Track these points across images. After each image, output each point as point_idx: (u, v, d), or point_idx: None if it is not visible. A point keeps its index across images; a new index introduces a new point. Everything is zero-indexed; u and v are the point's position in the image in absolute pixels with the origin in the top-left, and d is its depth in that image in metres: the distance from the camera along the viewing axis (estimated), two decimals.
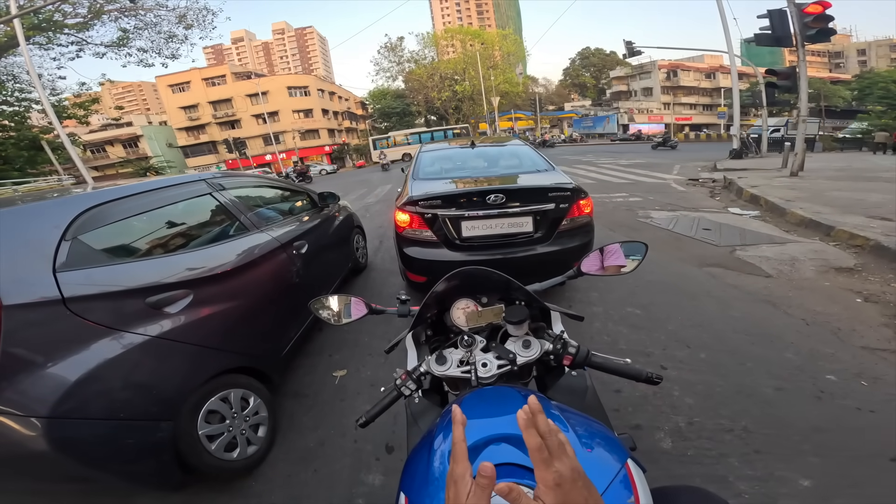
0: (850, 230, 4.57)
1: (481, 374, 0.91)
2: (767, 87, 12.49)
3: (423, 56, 54.35)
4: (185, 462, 1.66)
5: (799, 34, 8.64)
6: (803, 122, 10.05)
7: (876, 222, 4.86)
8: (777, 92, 11.44)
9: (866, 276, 3.63)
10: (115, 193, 1.89)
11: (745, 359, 2.43)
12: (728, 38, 14.82)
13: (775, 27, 8.95)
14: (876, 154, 18.13)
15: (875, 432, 1.82)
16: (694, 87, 53.59)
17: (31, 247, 1.46)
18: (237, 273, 2.15)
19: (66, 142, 12.99)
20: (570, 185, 3.09)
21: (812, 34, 8.56)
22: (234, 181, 2.79)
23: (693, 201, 7.64)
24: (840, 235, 4.65)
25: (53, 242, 1.50)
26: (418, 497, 0.66)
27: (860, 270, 3.76)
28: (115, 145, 43.37)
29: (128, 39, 18.10)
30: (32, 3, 14.23)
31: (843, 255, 4.17)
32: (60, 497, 1.82)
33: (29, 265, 1.42)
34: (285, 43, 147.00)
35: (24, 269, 1.40)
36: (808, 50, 9.24)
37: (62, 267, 1.47)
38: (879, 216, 5.15)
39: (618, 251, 1.16)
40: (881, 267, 3.79)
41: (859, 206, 5.90)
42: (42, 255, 1.45)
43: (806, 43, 8.78)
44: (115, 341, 1.50)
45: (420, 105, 52.74)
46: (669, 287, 3.58)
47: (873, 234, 4.34)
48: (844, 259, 4.07)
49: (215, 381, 1.82)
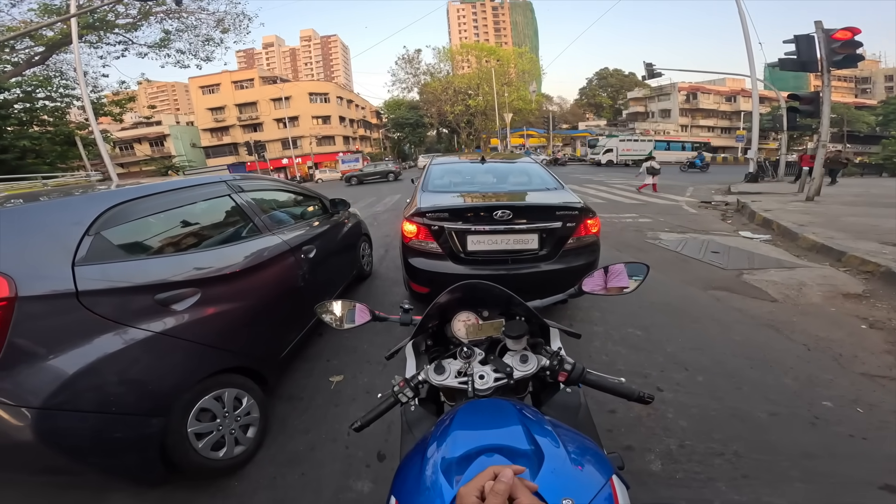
0: (861, 256, 4.49)
1: (478, 386, 0.92)
2: (789, 111, 12.37)
3: (438, 69, 55.41)
4: (169, 459, 1.63)
5: (825, 59, 8.62)
6: (823, 147, 9.93)
7: (888, 248, 4.77)
8: (798, 116, 11.33)
9: (874, 303, 3.57)
10: (140, 191, 1.93)
11: (743, 383, 2.41)
12: (752, 62, 14.80)
13: (801, 52, 8.96)
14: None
15: (865, 459, 1.80)
16: (713, 109, 53.28)
17: (55, 240, 1.50)
18: (246, 274, 2.17)
19: (98, 139, 13.47)
20: (579, 205, 3.11)
21: (839, 60, 8.54)
22: (252, 184, 2.85)
23: (704, 224, 7.59)
24: (851, 261, 4.57)
25: (77, 237, 1.54)
26: (408, 502, 0.67)
27: (868, 297, 3.70)
28: (142, 143, 44.79)
29: (169, 41, 18.91)
30: (91, 3, 15.03)
31: (851, 281, 4.11)
32: (32, 489, 1.83)
33: (50, 258, 1.45)
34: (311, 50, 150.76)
35: (44, 262, 1.43)
36: (834, 75, 9.17)
37: (81, 261, 1.49)
38: (893, 242, 5.05)
39: (622, 271, 1.17)
40: (890, 293, 3.72)
41: (874, 231, 5.80)
42: (64, 249, 1.48)
43: (832, 68, 8.75)
44: (118, 336, 1.51)
45: (433, 117, 53.40)
46: (672, 309, 3.56)
47: (885, 260, 4.26)
48: (853, 285, 4.00)
49: (211, 380, 1.82)
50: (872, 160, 26.49)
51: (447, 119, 52.27)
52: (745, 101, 48.49)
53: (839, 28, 8.33)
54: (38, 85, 16.33)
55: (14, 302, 1.28)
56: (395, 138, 59.47)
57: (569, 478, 0.63)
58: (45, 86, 16.49)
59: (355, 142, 53.95)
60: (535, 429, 0.73)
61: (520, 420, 0.76)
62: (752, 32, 14.36)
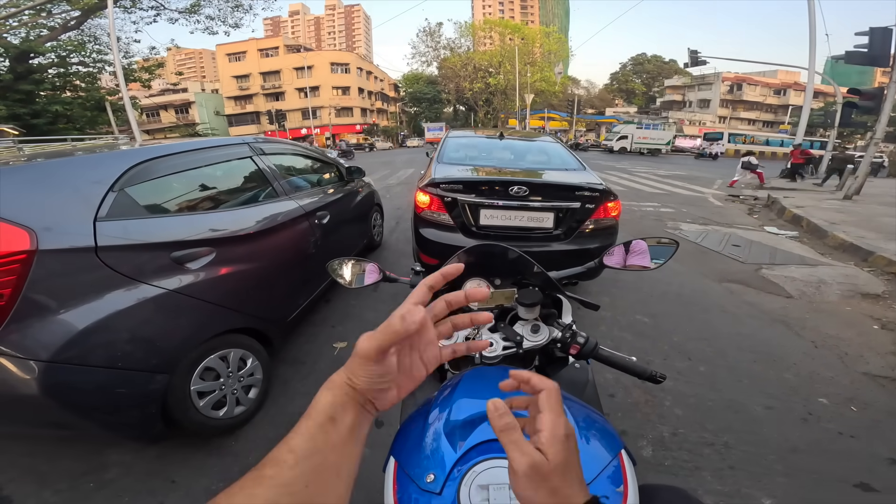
0: (889, 256, 4.31)
1: (485, 353, 0.90)
2: (845, 106, 11.67)
3: (459, 45, 53.74)
4: (170, 416, 1.64)
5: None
6: (875, 144, 9.37)
7: None
8: (854, 113, 10.67)
9: (891, 304, 3.47)
10: (165, 150, 1.93)
11: (743, 376, 2.40)
12: (812, 54, 13.80)
13: (874, 45, 8.48)
14: None
15: (849, 457, 1.81)
16: (758, 102, 50.37)
17: (78, 195, 1.50)
18: (261, 236, 2.18)
19: (127, 104, 13.64)
20: (601, 186, 3.03)
21: None
22: (274, 147, 2.85)
23: (728, 217, 7.33)
24: (878, 261, 4.39)
25: (101, 193, 1.54)
26: (408, 464, 0.67)
27: (887, 298, 3.59)
28: (168, 110, 45.56)
29: (199, 7, 18.82)
30: None
31: (873, 281, 3.98)
32: (33, 442, 1.87)
33: (72, 213, 1.45)
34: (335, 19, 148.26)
35: (66, 217, 1.43)
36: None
37: (103, 217, 1.50)
38: None
39: (644, 250, 1.09)
40: None
41: None
42: (87, 204, 1.49)
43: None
44: (132, 292, 1.52)
45: (451, 93, 52.20)
46: (684, 298, 3.52)
47: None
48: (874, 285, 3.88)
49: (218, 339, 1.83)
50: None
51: (465, 96, 50.97)
52: (796, 95, 45.68)
53: None
54: (73, 50, 16.55)
55: (34, 255, 1.28)
56: (412, 113, 58.43)
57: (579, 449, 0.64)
58: (80, 51, 16.70)
59: (372, 114, 53.43)
60: None
61: None
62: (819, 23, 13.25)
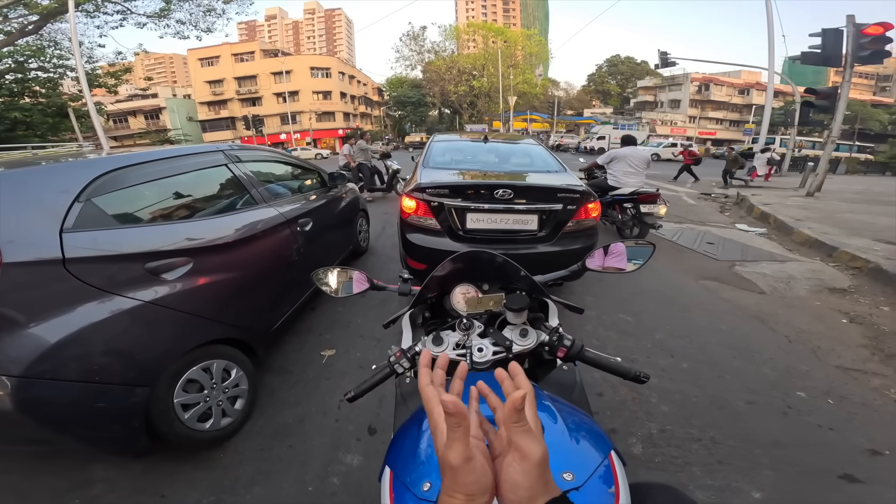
0: (852, 252, 4.53)
1: (476, 359, 0.92)
2: (803, 106, 12.20)
3: (443, 48, 54.01)
4: (154, 429, 1.62)
5: (850, 55, 8.48)
6: (832, 143, 9.85)
7: (880, 245, 4.82)
8: (812, 112, 11.16)
9: (857, 298, 3.63)
10: (134, 158, 1.89)
11: (725, 371, 2.47)
12: (771, 55, 14.37)
13: (827, 46, 8.82)
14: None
15: (829, 449, 1.87)
16: (724, 102, 52.26)
17: (43, 206, 1.46)
18: (240, 245, 2.16)
19: (92, 110, 13.07)
20: (580, 188, 3.10)
21: (865, 55, 8.40)
22: (251, 154, 2.81)
23: (701, 215, 7.60)
24: (841, 257, 4.61)
25: (66, 203, 1.50)
26: (403, 472, 0.66)
27: (853, 292, 3.77)
28: (137, 116, 43.94)
29: (169, 11, 18.03)
30: None
31: (839, 276, 4.17)
32: (11, 458, 1.82)
33: (37, 224, 1.42)
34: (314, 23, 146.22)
35: (31, 228, 1.40)
36: (855, 72, 9.02)
37: (70, 228, 1.47)
38: (885, 239, 5.10)
39: (622, 252, 1.15)
40: (874, 290, 3.79)
41: (868, 228, 5.83)
42: (52, 215, 1.46)
43: (856, 64, 8.61)
44: (105, 304, 1.48)
45: (435, 97, 52.34)
46: (663, 297, 3.60)
47: (875, 256, 4.31)
48: (840, 280, 4.06)
49: (200, 351, 1.81)
50: (878, 158, 26.30)
51: (450, 99, 51.22)
52: (759, 95, 47.56)
53: (871, 23, 8.18)
54: (31, 55, 15.81)
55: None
56: (397, 116, 58.33)
57: (568, 452, 0.64)
58: (39, 56, 15.97)
59: (356, 118, 53.03)
60: None
61: None
62: (776, 24, 13.89)
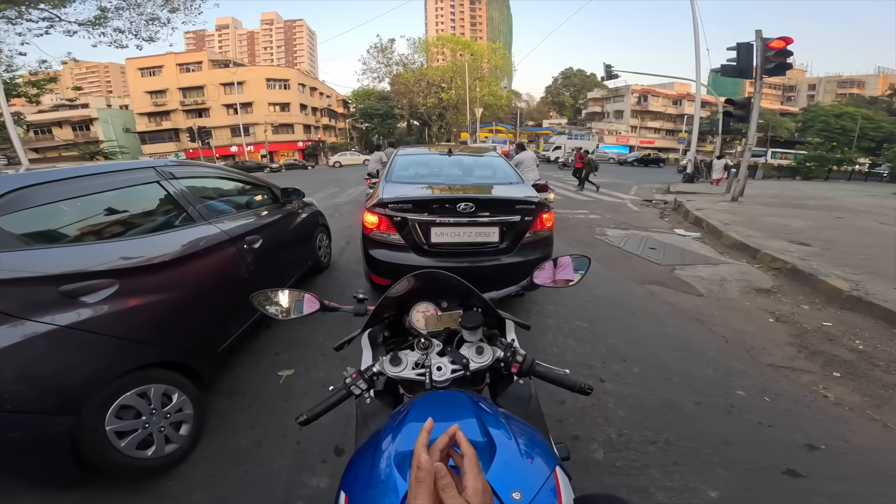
0: (772, 254, 5.04)
1: (436, 378, 0.92)
2: (724, 115, 13.34)
3: (412, 60, 54.17)
4: (85, 459, 1.56)
5: (759, 67, 9.39)
6: (749, 150, 10.90)
7: (795, 247, 5.41)
8: (732, 121, 12.28)
9: (780, 298, 4.00)
10: (47, 176, 1.80)
11: (672, 374, 2.59)
12: (698, 67, 15.82)
13: (741, 59, 9.67)
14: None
15: (772, 446, 1.99)
16: (661, 112, 56.63)
17: None
18: (174, 265, 2.08)
19: (8, 121, 12.05)
20: (536, 199, 3.20)
21: (771, 67, 9.35)
22: (189, 170, 2.70)
23: (644, 221, 8.15)
24: (764, 259, 5.12)
25: None
26: (360, 497, 0.65)
27: (776, 292, 4.15)
28: (63, 127, 40.66)
29: (105, 19, 16.55)
30: None
31: (763, 277, 4.59)
32: None
33: None
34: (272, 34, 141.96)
35: None
36: (765, 83, 10.00)
37: None
38: (798, 241, 5.74)
39: (568, 264, 1.20)
40: (794, 289, 4.21)
41: (784, 231, 6.55)
42: None
43: (764, 76, 9.55)
44: (13, 329, 1.41)
45: (404, 109, 52.38)
46: (614, 302, 3.80)
47: (791, 257, 4.82)
48: (764, 281, 4.48)
49: (133, 376, 1.74)
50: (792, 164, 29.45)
51: (419, 111, 51.41)
52: (689, 105, 51.94)
53: (775, 37, 9.14)
54: None
55: None
56: (363, 128, 57.53)
57: (519, 470, 0.65)
58: None
59: (318, 131, 51.88)
60: (488, 421, 0.74)
61: (474, 412, 0.76)
62: (701, 39, 15.25)
